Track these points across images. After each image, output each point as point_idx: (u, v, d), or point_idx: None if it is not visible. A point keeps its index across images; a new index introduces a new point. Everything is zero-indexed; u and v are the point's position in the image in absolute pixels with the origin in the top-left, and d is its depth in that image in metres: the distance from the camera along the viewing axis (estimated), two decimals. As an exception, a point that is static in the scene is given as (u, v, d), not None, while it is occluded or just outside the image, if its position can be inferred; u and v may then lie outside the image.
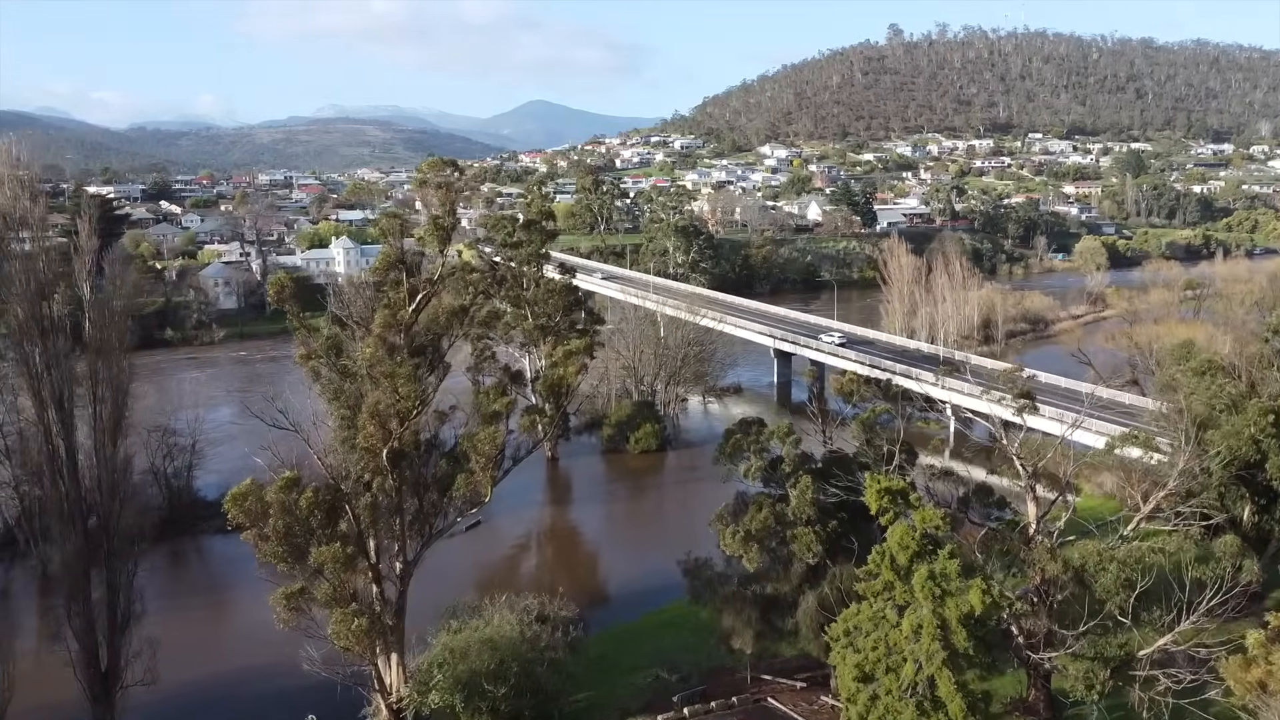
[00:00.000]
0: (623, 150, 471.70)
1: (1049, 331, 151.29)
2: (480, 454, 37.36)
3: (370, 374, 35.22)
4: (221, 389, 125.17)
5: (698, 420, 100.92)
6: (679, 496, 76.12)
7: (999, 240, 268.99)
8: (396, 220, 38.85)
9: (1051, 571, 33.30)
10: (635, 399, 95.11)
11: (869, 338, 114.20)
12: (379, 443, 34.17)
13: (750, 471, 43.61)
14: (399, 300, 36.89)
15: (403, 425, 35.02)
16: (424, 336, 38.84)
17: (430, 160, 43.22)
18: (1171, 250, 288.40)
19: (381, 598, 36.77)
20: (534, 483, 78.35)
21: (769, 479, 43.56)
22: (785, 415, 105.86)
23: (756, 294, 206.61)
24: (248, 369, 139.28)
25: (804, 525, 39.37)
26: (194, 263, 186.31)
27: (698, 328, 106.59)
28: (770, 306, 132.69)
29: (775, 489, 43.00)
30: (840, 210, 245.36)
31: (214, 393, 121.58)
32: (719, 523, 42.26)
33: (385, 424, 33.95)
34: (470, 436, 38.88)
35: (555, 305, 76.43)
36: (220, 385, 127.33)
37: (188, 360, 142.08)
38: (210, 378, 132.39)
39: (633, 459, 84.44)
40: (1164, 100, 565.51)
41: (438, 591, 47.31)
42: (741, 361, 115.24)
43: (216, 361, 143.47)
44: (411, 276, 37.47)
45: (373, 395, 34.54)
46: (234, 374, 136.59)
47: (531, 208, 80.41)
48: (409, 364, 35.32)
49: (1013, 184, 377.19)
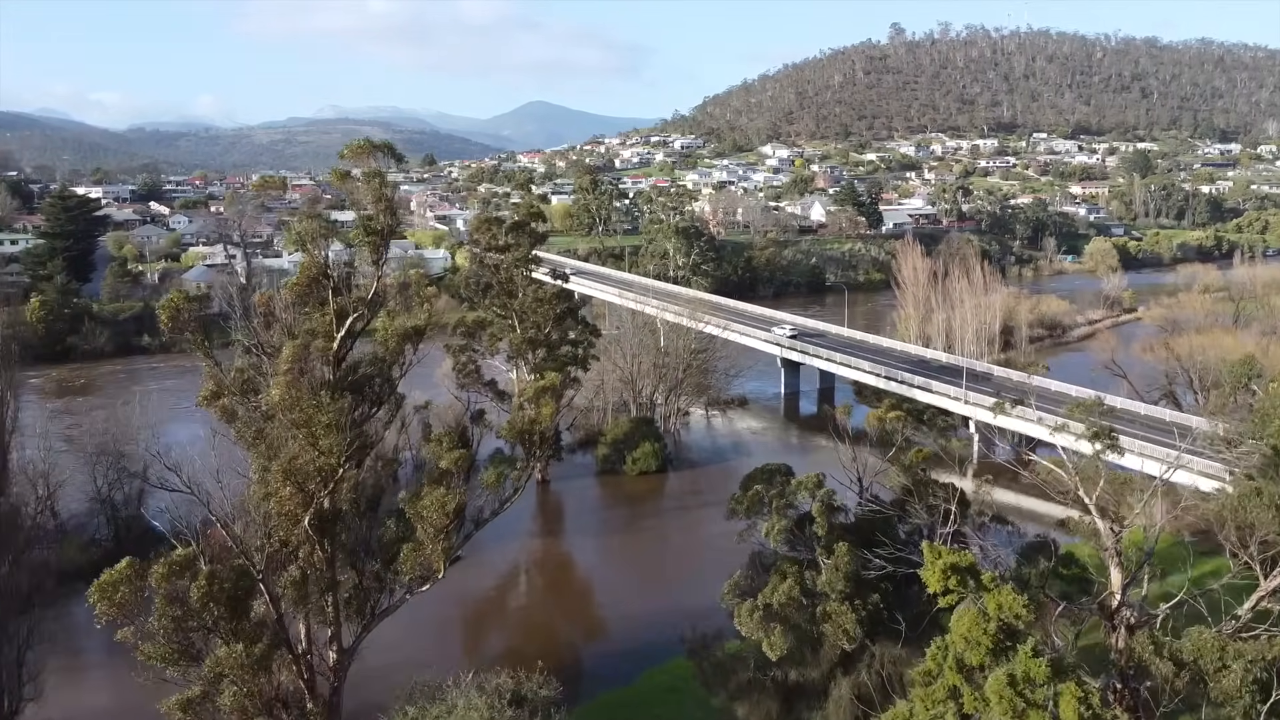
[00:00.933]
0: (622, 150, 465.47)
1: (1066, 338, 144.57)
2: (427, 523, 30.28)
3: (282, 422, 28.15)
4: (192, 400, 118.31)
5: (700, 436, 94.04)
6: (681, 526, 69.01)
7: (1007, 241, 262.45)
8: (317, 222, 31.87)
9: (1162, 673, 26.21)
10: (633, 414, 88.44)
11: (820, 329, 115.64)
12: (298, 508, 27.38)
13: (773, 533, 36.29)
14: (323, 326, 30.15)
15: (326, 486, 28.11)
16: (369, 366, 32.03)
17: (355, 143, 36.27)
18: (1183, 252, 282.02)
19: (312, 694, 29.92)
20: (522, 509, 71.40)
21: (795, 540, 36.22)
22: (793, 429, 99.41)
23: (760, 297, 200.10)
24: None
25: (838, 601, 32.44)
26: (177, 266, 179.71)
27: (700, 335, 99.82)
28: (776, 312, 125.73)
29: (802, 551, 35.79)
30: (845, 211, 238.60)
31: (184, 405, 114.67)
32: (733, 596, 35.39)
33: (303, 485, 27.12)
34: (414, 500, 31.60)
35: (546, 314, 69.48)
36: (192, 396, 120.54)
37: (163, 369, 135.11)
38: (185, 387, 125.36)
39: (630, 482, 77.47)
40: (1169, 100, 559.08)
41: (394, 659, 40.15)
42: (746, 370, 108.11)
43: (197, 370, 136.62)
44: (340, 295, 30.75)
45: (287, 449, 27.71)
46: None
47: (520, 208, 73.35)
48: (332, 408, 28.20)
49: (1018, 184, 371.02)
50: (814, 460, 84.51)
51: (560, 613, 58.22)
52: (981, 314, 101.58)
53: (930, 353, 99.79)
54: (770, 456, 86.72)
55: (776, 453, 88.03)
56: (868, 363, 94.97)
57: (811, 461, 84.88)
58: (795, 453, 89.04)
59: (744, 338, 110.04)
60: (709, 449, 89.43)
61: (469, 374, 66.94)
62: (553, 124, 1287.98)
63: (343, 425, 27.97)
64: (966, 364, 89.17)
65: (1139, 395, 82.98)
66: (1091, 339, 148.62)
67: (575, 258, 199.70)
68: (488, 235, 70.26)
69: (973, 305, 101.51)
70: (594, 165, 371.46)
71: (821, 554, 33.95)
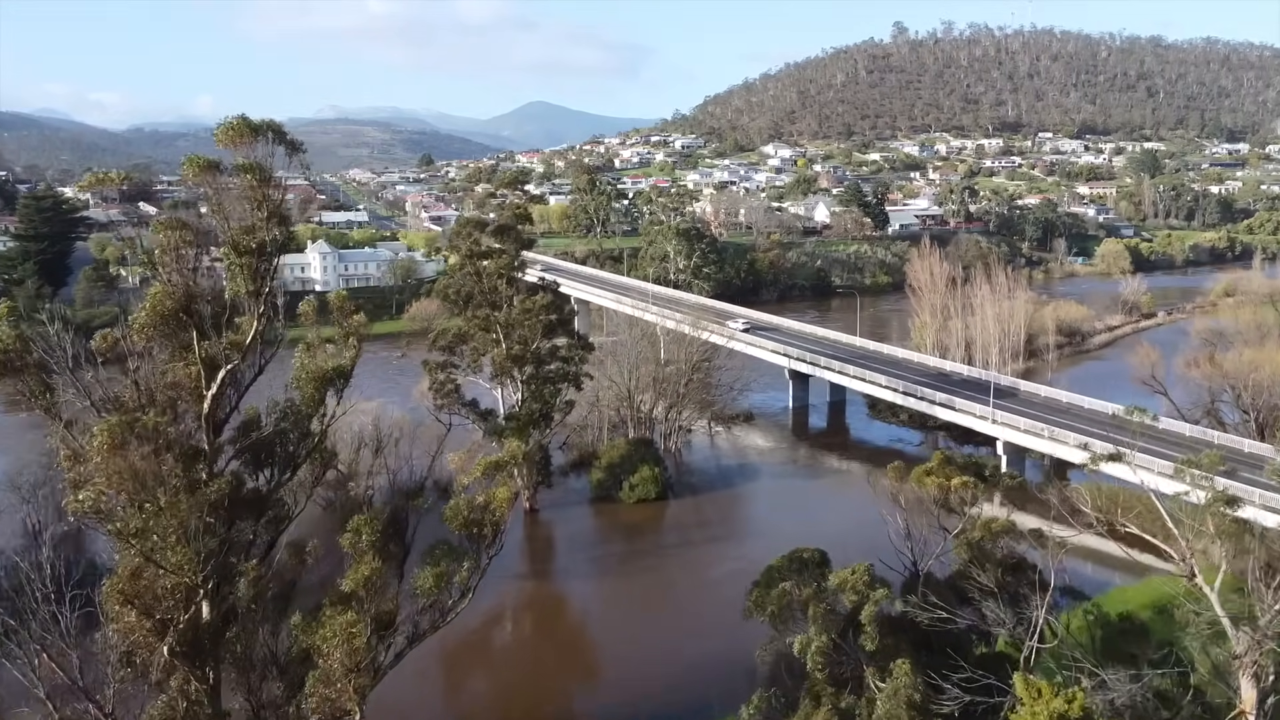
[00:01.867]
0: (622, 150, 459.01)
1: (1086, 345, 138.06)
2: (331, 659, 23.05)
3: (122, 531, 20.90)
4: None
5: (703, 456, 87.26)
6: (684, 565, 61.92)
7: (1016, 243, 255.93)
8: (179, 233, 24.82)
9: None
10: (631, 433, 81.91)
11: (773, 323, 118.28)
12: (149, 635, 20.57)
13: (809, 652, 28.70)
14: (186, 379, 23.37)
15: (188, 609, 21.12)
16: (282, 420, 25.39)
17: (226, 124, 29.66)
18: (1195, 254, 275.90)
19: None
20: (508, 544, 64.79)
21: (837, 648, 28.71)
22: (802, 446, 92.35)
23: (763, 301, 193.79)
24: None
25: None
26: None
27: (702, 344, 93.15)
28: (785, 320, 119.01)
29: (846, 662, 28.50)
30: (850, 212, 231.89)
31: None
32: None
33: (150, 611, 20.28)
34: (313, 626, 24.20)
35: (534, 327, 62.73)
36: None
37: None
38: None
39: (627, 510, 70.25)
40: (1175, 99, 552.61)
41: (368, 711, 33.28)
42: (753, 382, 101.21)
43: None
44: (207, 339, 23.96)
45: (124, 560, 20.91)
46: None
47: (506, 210, 66.48)
48: (187, 505, 20.95)
49: (1024, 184, 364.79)
50: (829, 489, 78.03)
51: (548, 667, 51.50)
52: (1004, 322, 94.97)
53: (950, 364, 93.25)
54: (779, 480, 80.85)
55: (786, 477, 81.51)
56: (884, 376, 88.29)
57: (827, 491, 78.77)
58: (805, 476, 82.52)
59: (750, 348, 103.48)
60: (713, 472, 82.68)
61: (448, 394, 60.43)
62: (553, 124, 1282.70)
63: (203, 530, 20.82)
64: (992, 378, 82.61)
65: (1180, 414, 76.47)
66: (1113, 346, 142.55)
67: (573, 260, 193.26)
68: (469, 240, 63.50)
69: (994, 313, 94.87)
70: (593, 165, 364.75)
71: (872, 673, 26.84)
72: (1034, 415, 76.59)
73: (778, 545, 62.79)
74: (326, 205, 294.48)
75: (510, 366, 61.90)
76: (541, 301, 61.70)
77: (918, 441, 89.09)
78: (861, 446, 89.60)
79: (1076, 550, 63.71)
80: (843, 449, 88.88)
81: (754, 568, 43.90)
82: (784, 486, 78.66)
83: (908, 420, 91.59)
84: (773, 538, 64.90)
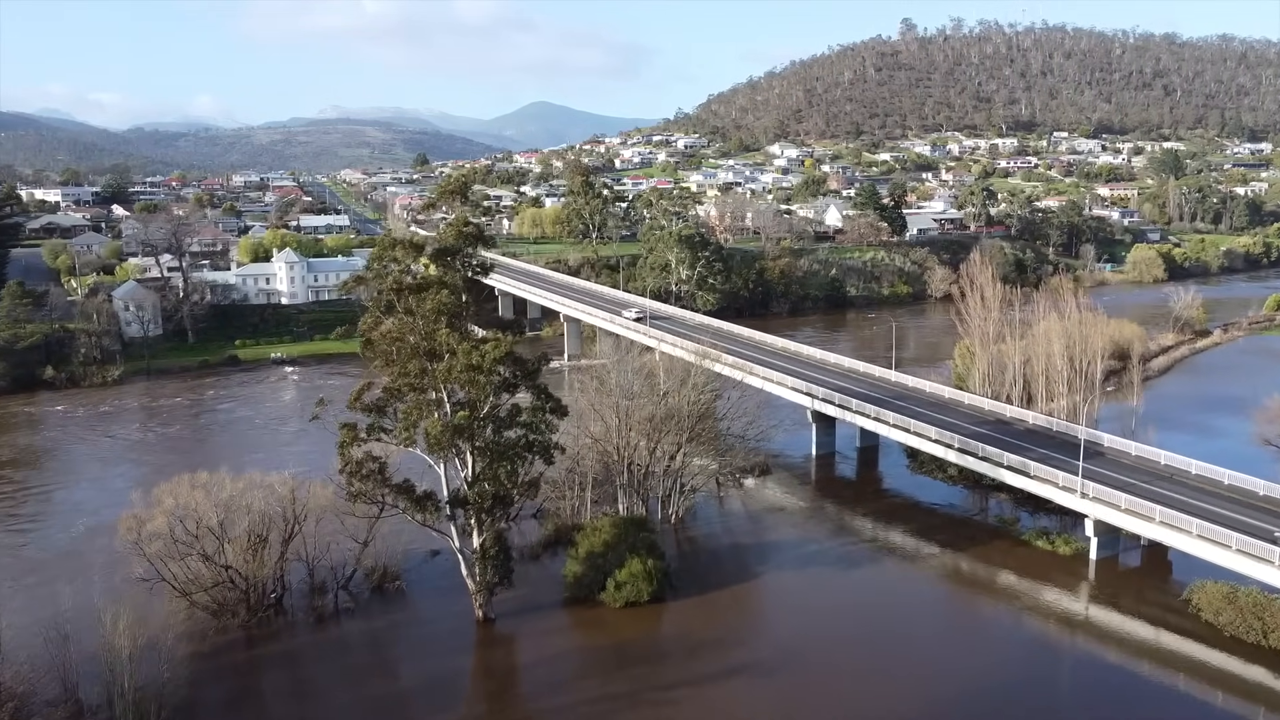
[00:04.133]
0: (623, 150, 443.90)
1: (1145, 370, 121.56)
2: None
3: None
4: (86, 455, 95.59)
5: (711, 524, 70.22)
6: (695, 713, 45.25)
7: (1040, 248, 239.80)
8: None
9: None
10: (620, 499, 66.00)
11: (668, 313, 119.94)
12: None
13: None
14: None
15: None
16: None
17: None
18: (1230, 260, 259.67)
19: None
20: (447, 677, 48.65)
21: None
22: (826, 506, 74.05)
23: (773, 314, 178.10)
24: (137, 420, 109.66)
25: None
26: (109, 280, 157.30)
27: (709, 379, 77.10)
28: (803, 347, 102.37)
29: None
30: (866, 215, 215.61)
31: (72, 466, 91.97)
32: None
33: None
34: None
35: (484, 387, 46.12)
36: (85, 450, 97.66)
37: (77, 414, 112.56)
38: (72, 437, 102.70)
39: (614, 619, 52.94)
40: (1193, 97, 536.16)
41: None
42: (766, 423, 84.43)
43: (98, 409, 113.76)
44: None
45: None
46: (118, 426, 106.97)
47: (450, 228, 49.54)
48: None
49: (1041, 185, 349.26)
50: (875, 579, 60.11)
51: None
52: (1073, 350, 78.60)
53: (1010, 409, 76.86)
54: (810, 566, 62.81)
55: (817, 559, 64.87)
56: (932, 426, 71.84)
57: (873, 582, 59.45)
58: (840, 555, 65.91)
59: (767, 384, 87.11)
60: (724, 550, 65.76)
61: (367, 477, 44.66)
62: (556, 125, 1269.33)
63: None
64: (1076, 432, 66.51)
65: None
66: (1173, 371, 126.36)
67: (566, 269, 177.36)
68: (398, 268, 47.14)
69: (1061, 339, 78.71)
70: (593, 165, 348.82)
71: None
72: (1128, 482, 60.73)
73: (823, 686, 47.13)
74: (309, 208, 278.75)
75: (450, 440, 45.76)
76: (493, 353, 44.85)
77: (973, 510, 72.87)
78: (900, 507, 73.43)
79: (1193, 668, 48.25)
80: (879, 511, 72.51)
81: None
82: (818, 577, 60.79)
83: (957, 476, 75.53)
84: (815, 671, 49.12)
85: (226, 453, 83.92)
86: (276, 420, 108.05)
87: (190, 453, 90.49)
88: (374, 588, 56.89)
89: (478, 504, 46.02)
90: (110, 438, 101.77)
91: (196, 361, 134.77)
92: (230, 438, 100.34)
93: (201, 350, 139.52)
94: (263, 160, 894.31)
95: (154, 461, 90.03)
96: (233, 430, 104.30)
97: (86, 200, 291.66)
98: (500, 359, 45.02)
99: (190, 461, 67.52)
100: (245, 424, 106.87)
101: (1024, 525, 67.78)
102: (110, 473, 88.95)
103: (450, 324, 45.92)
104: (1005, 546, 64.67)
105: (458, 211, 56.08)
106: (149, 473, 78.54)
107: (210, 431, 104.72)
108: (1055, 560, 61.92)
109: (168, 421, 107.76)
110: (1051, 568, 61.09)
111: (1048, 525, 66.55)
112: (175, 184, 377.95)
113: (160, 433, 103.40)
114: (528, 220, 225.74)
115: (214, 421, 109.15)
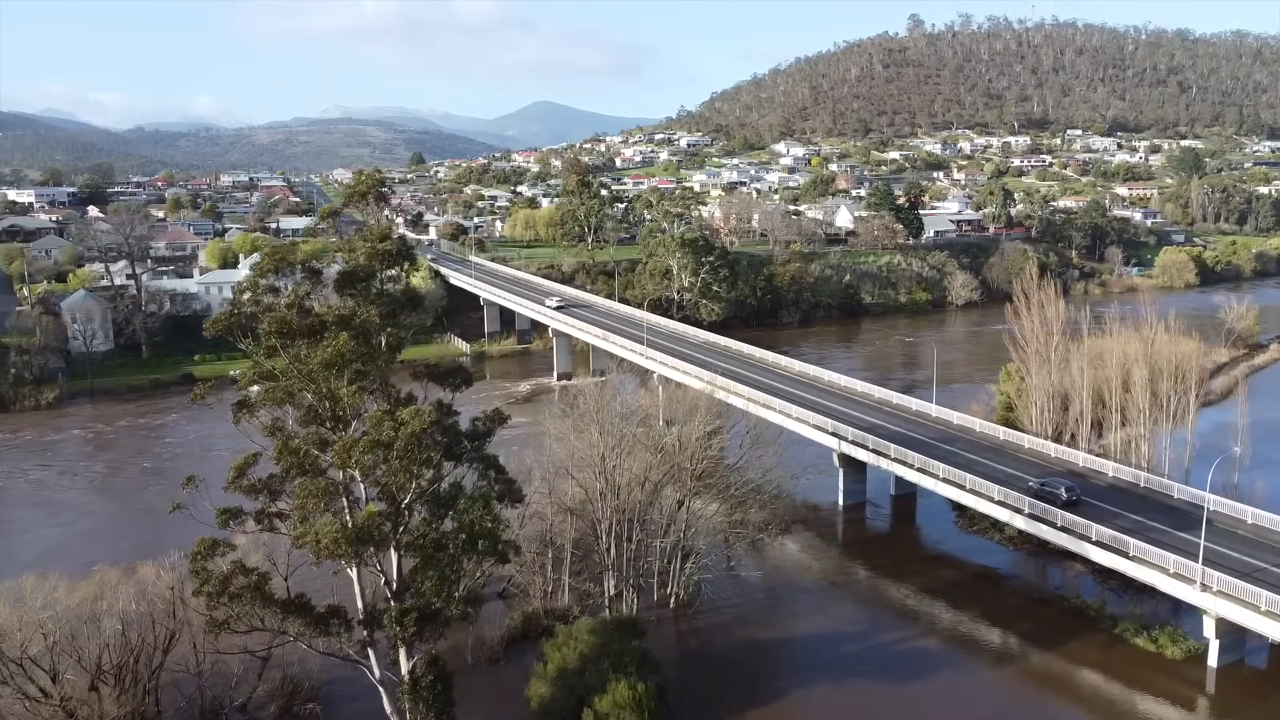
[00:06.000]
0: (624, 149, 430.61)
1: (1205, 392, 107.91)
2: None
3: None
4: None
5: (721, 613, 55.04)
6: None
7: (1064, 251, 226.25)
8: None
9: None
10: (605, 583, 52.83)
11: (587, 300, 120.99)
12: None
13: None
14: None
15: None
16: None
17: None
18: (1263, 263, 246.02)
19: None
20: None
21: None
22: (857, 568, 59.84)
23: (784, 324, 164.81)
24: (64, 453, 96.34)
25: None
26: (60, 289, 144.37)
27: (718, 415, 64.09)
28: (825, 372, 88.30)
29: None
30: (880, 217, 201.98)
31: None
32: None
33: None
34: None
35: (405, 470, 32.30)
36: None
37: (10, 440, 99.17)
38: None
39: None
40: (1209, 94, 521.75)
41: None
42: (777, 440, 70.76)
43: (18, 437, 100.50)
44: None
45: None
46: (35, 461, 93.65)
47: (362, 240, 35.94)
48: None
49: (1057, 185, 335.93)
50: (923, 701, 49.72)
51: None
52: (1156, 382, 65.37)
53: (1083, 457, 63.29)
54: (841, 670, 47.95)
55: (851, 663, 51.07)
56: (994, 484, 58.11)
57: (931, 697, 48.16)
58: (879, 661, 51.90)
59: (786, 419, 73.58)
60: (738, 653, 50.98)
61: (237, 596, 31.44)
62: (558, 124, 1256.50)
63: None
64: (1189, 495, 53.15)
65: None
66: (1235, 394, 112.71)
67: (559, 276, 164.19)
68: (285, 304, 33.51)
69: (1143, 368, 65.54)
70: (592, 164, 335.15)
71: None
72: (1254, 564, 47.45)
73: None
74: (293, 209, 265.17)
75: (351, 549, 31.83)
76: (417, 422, 31.28)
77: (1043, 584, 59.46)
78: (949, 579, 59.88)
79: None
80: (924, 585, 58.86)
81: None
82: (858, 691, 46.72)
83: (1017, 537, 62.20)
84: None
85: (160, 500, 68.22)
86: (231, 451, 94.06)
87: (121, 497, 77.03)
88: (281, 710, 43.66)
89: (399, 628, 32.83)
90: (21, 476, 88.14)
91: (147, 380, 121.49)
92: (170, 478, 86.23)
93: (155, 367, 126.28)
94: (263, 160, 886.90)
95: (66, 514, 76.62)
96: (175, 466, 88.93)
97: (61, 201, 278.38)
98: (426, 428, 31.70)
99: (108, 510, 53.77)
100: (190, 459, 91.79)
101: (1112, 609, 54.34)
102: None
103: (356, 379, 32.63)
104: (1094, 642, 51.28)
105: (375, 219, 42.68)
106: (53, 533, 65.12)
107: (149, 470, 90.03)
108: (1161, 663, 48.61)
109: (95, 454, 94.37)
110: (1156, 671, 47.85)
111: (1144, 611, 53.22)
112: (161, 184, 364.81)
113: (85, 471, 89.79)
114: (520, 222, 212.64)
115: (155, 454, 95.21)
